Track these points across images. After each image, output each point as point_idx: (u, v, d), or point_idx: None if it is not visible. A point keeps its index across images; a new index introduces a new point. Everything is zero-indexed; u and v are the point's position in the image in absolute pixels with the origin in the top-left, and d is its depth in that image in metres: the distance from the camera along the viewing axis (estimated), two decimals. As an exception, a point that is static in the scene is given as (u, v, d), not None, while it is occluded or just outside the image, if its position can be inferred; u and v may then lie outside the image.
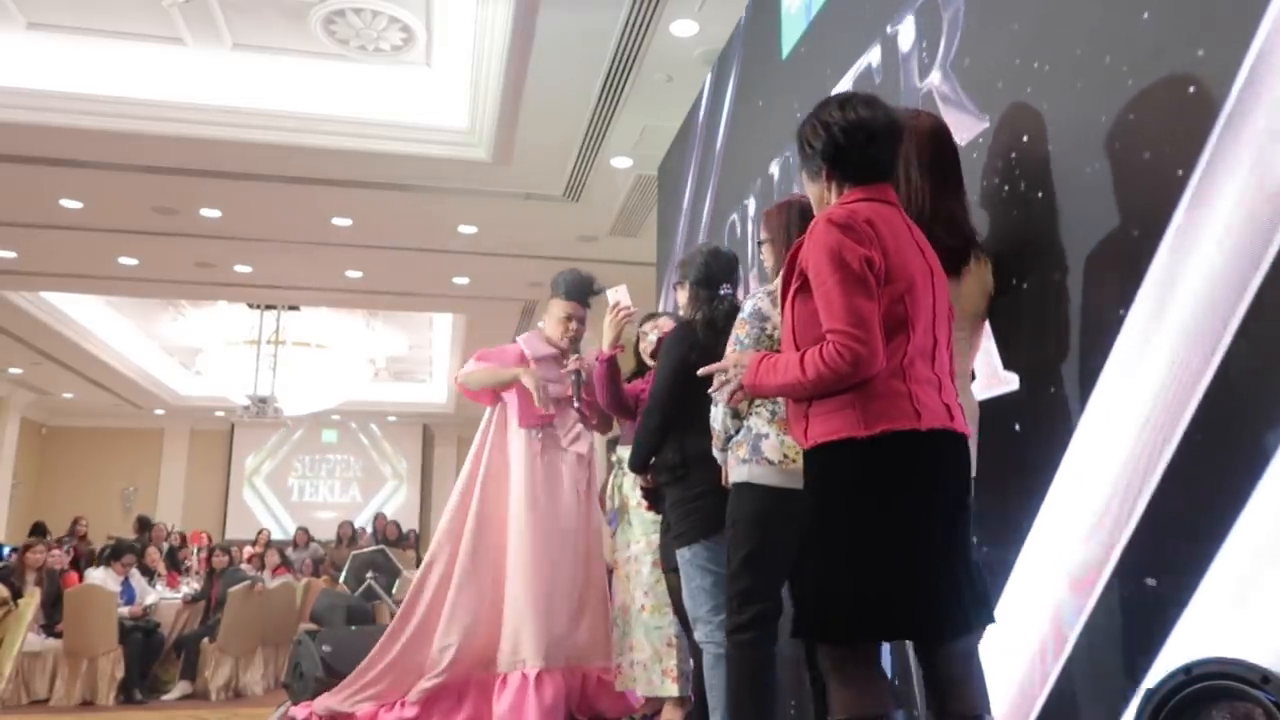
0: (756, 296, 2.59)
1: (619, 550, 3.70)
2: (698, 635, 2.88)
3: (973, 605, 1.83)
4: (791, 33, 3.87)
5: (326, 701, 3.80)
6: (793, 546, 1.92)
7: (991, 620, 1.90)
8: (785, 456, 2.46)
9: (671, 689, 3.42)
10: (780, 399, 2.39)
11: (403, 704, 3.65)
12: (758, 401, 2.52)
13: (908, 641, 2.17)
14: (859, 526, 1.79)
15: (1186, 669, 1.53)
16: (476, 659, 3.73)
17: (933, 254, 1.94)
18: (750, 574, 2.50)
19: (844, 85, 3.34)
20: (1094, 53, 2.11)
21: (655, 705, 3.56)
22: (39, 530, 10.83)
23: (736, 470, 2.55)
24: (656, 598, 3.47)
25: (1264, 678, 1.43)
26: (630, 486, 3.55)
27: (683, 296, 3.06)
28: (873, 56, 3.14)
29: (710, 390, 2.11)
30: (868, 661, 1.82)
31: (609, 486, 3.69)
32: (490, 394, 3.90)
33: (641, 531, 3.55)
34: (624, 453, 3.58)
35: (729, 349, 2.58)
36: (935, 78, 2.73)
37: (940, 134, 2.26)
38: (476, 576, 3.76)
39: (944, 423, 1.80)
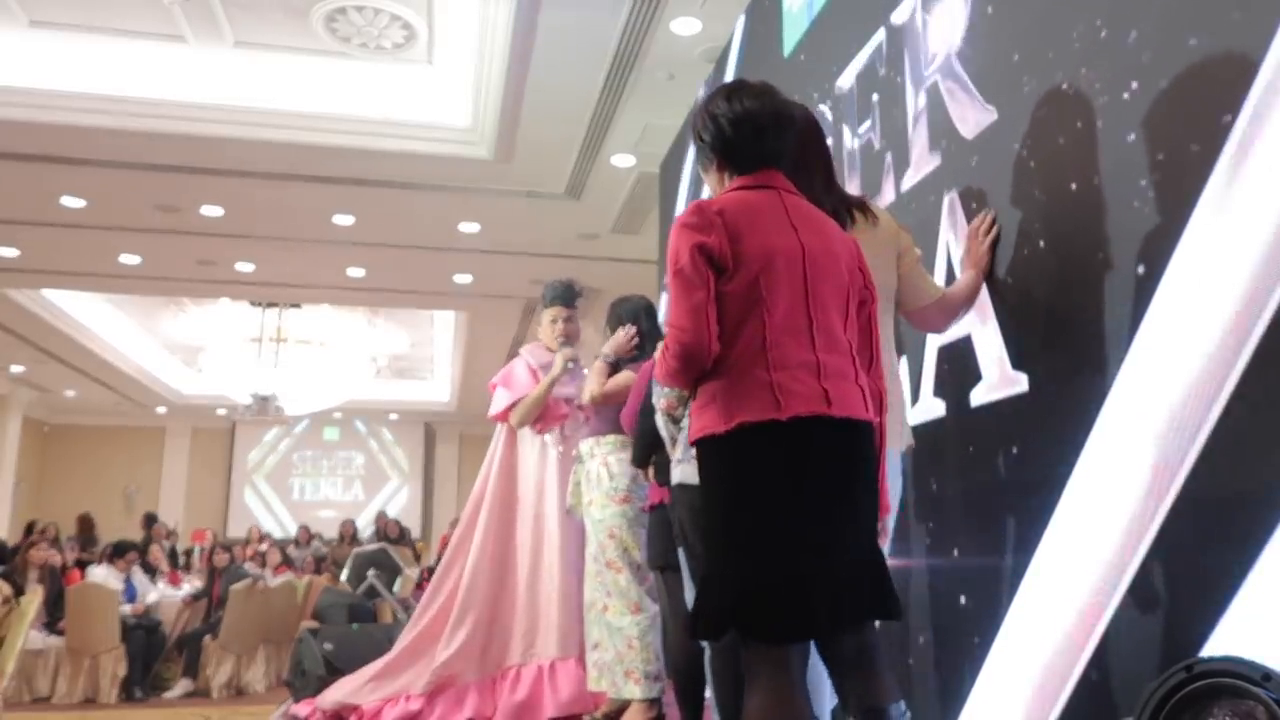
0: None
1: None
2: (700, 634, 2.88)
3: (856, 600, 1.76)
4: (793, 31, 3.87)
5: (333, 695, 3.84)
6: None
7: (888, 615, 1.81)
8: None
9: (634, 691, 3.34)
10: None
11: (408, 698, 3.69)
12: (690, 402, 2.52)
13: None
14: (727, 523, 1.76)
15: (1187, 667, 1.53)
16: (481, 658, 3.78)
17: (823, 233, 1.89)
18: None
19: (847, 82, 3.34)
20: (1106, 41, 2.08)
21: (618, 705, 3.46)
22: None
23: (673, 472, 2.54)
24: (616, 598, 3.42)
25: (1265, 675, 1.43)
26: (590, 487, 3.54)
27: None
28: (876, 53, 3.14)
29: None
30: (781, 666, 1.73)
31: (570, 483, 3.68)
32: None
33: (593, 532, 3.52)
34: (584, 449, 3.60)
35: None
36: (941, 71, 2.71)
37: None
38: (484, 579, 3.86)
39: (814, 409, 1.73)
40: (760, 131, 1.92)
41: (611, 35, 5.27)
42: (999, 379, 2.35)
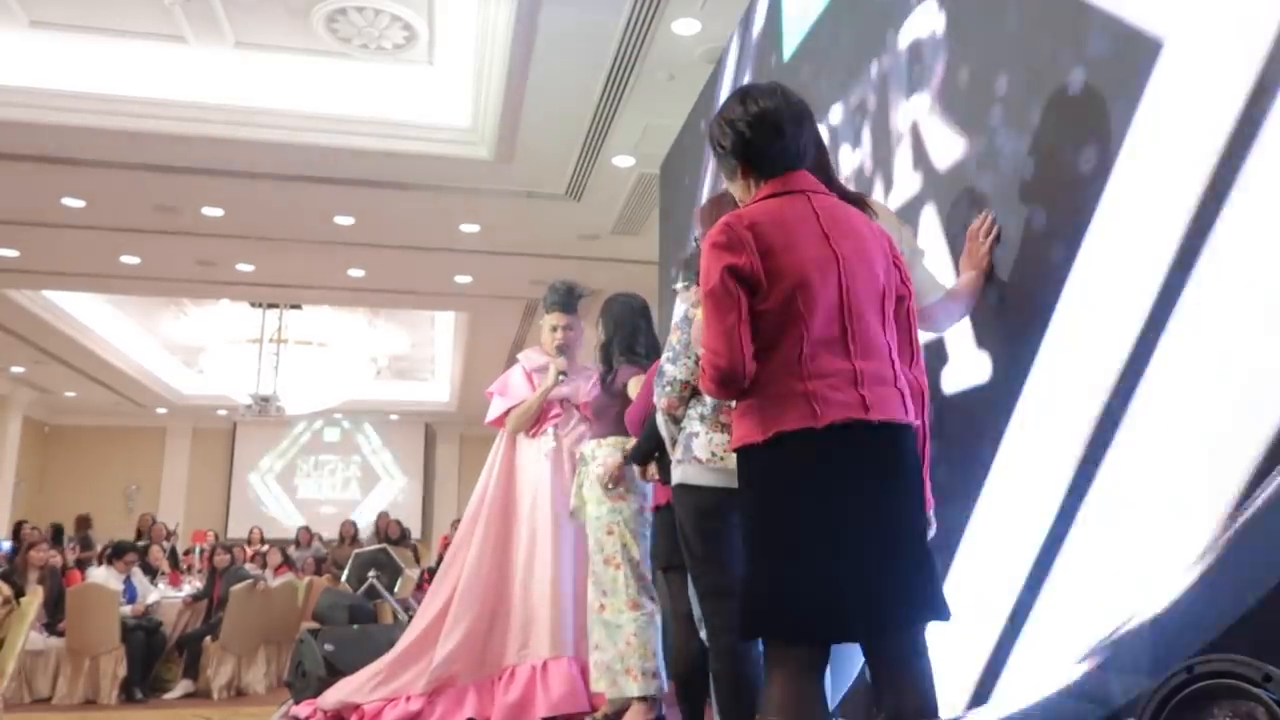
0: (687, 301, 2.61)
1: None
2: (703, 635, 2.88)
3: (895, 603, 1.76)
4: (793, 32, 3.87)
5: (334, 695, 3.85)
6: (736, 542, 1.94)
7: (934, 617, 1.81)
8: (713, 455, 2.43)
9: (633, 688, 3.33)
10: (709, 399, 2.41)
11: (408, 698, 3.69)
12: (691, 403, 2.52)
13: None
14: (761, 529, 1.78)
15: (1188, 667, 1.53)
16: (479, 660, 3.79)
17: (856, 234, 1.88)
18: (708, 575, 2.48)
19: (846, 85, 3.34)
20: (1055, 78, 2.24)
21: (619, 706, 3.45)
22: None
23: (674, 472, 2.54)
24: (614, 595, 3.41)
25: (1265, 676, 1.42)
26: (590, 487, 3.53)
27: (694, 297, 3.04)
28: (875, 55, 3.14)
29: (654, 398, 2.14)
30: (801, 663, 1.76)
31: (574, 486, 3.67)
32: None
33: (593, 530, 3.51)
34: (586, 451, 3.60)
35: (664, 357, 2.61)
36: (920, 105, 2.79)
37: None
38: (482, 580, 3.89)
39: (850, 415, 1.75)
40: (779, 129, 1.91)
41: (612, 35, 5.27)
42: (972, 369, 2.43)
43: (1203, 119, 1.80)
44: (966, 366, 2.50)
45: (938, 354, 2.61)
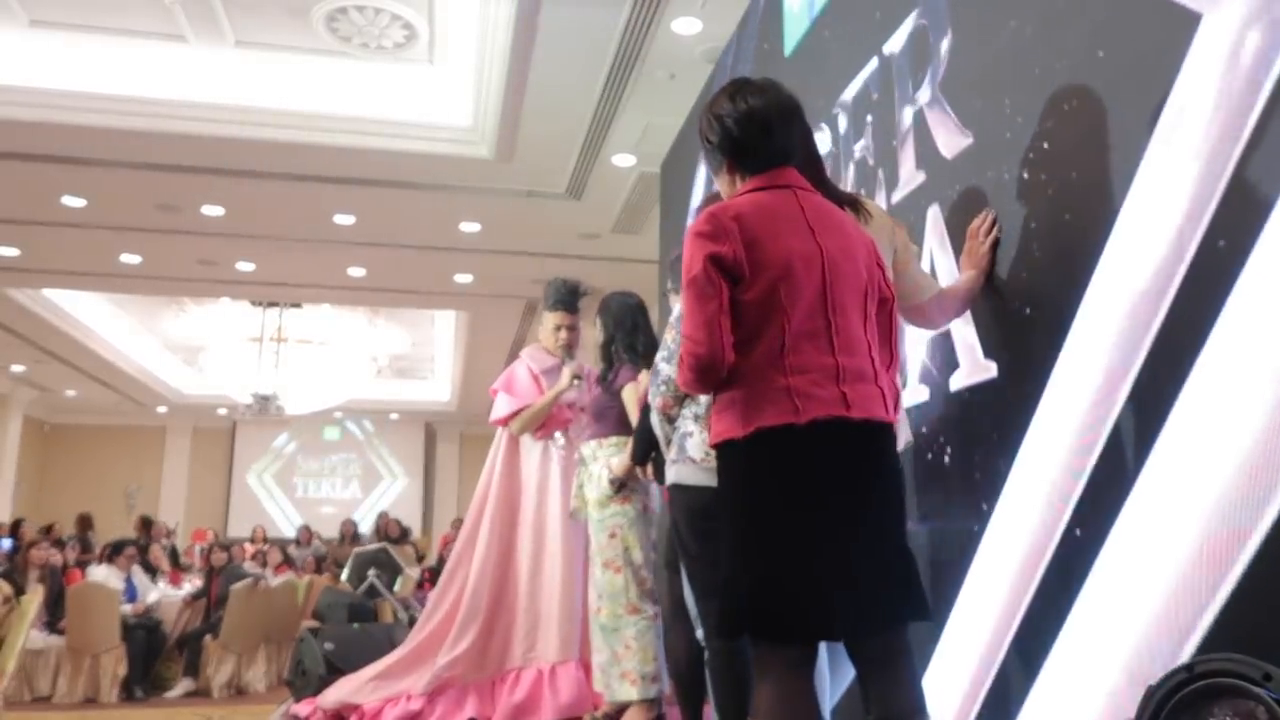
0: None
1: None
2: (700, 634, 2.88)
3: (878, 603, 1.75)
4: (794, 31, 3.86)
5: (334, 694, 3.85)
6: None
7: (915, 617, 1.81)
8: (707, 454, 2.42)
9: (630, 692, 3.34)
10: (703, 398, 2.40)
11: (408, 698, 3.69)
12: (685, 402, 2.52)
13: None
14: (744, 526, 1.77)
15: (1188, 666, 1.53)
16: (482, 660, 3.79)
17: (841, 232, 1.88)
18: (703, 574, 2.48)
19: (848, 83, 3.34)
20: (1058, 76, 2.21)
21: (618, 706, 3.45)
22: None
23: (668, 472, 2.53)
24: (614, 599, 3.41)
25: (1265, 675, 1.42)
26: (591, 488, 3.53)
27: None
28: (878, 49, 3.14)
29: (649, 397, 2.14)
30: (790, 665, 1.75)
31: (574, 486, 3.68)
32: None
33: (595, 532, 3.52)
34: (587, 451, 3.60)
35: (658, 356, 2.61)
36: (925, 99, 2.76)
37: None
38: (488, 585, 3.88)
39: (832, 411, 1.73)
40: (768, 128, 1.91)
41: (612, 35, 5.27)
42: (971, 366, 2.42)
43: (1244, 104, 1.67)
44: (975, 370, 2.50)
45: (946, 357, 2.61)
